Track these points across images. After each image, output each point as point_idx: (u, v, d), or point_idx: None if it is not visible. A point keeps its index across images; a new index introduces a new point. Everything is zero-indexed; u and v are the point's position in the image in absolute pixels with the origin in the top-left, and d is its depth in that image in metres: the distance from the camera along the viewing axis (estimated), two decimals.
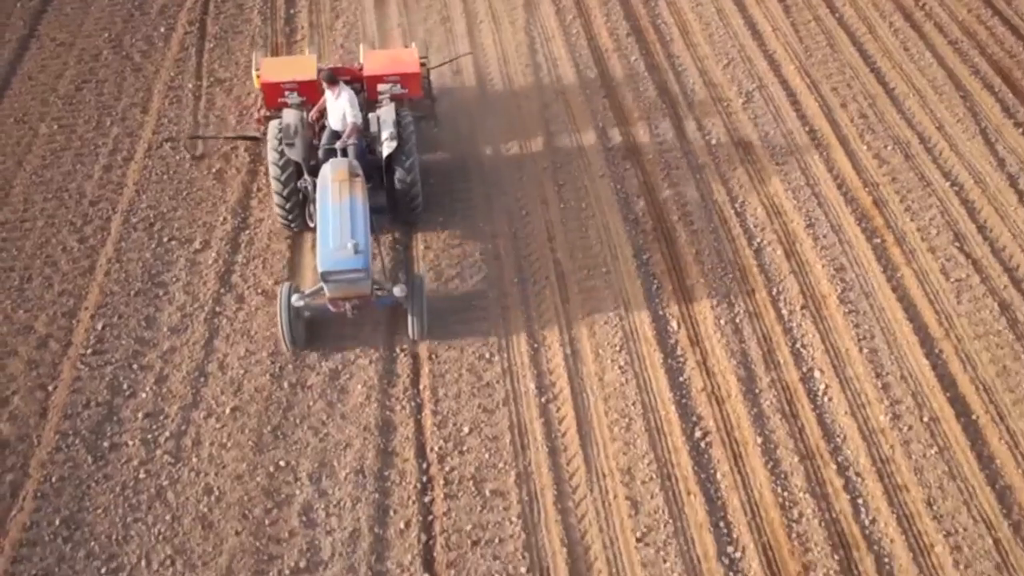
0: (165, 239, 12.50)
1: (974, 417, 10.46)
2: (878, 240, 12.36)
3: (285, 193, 11.93)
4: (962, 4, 16.01)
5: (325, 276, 10.74)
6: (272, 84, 12.62)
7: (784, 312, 11.59)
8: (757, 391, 10.78)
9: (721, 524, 9.68)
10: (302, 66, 12.90)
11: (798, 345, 11.23)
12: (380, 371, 11.02)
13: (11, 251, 12.37)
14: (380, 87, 12.52)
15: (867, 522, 9.67)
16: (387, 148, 11.76)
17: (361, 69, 12.89)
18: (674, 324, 11.47)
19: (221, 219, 12.74)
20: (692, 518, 9.71)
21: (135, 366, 11.05)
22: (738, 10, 16.07)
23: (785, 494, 9.88)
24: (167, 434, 10.39)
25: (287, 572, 9.29)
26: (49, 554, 9.42)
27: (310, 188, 11.63)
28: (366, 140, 12.12)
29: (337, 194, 11.09)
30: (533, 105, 14.55)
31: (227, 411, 10.60)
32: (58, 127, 14.14)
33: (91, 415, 10.58)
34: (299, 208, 12.07)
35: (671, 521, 9.68)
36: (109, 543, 9.51)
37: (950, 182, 13.08)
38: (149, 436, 10.38)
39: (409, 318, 11.19)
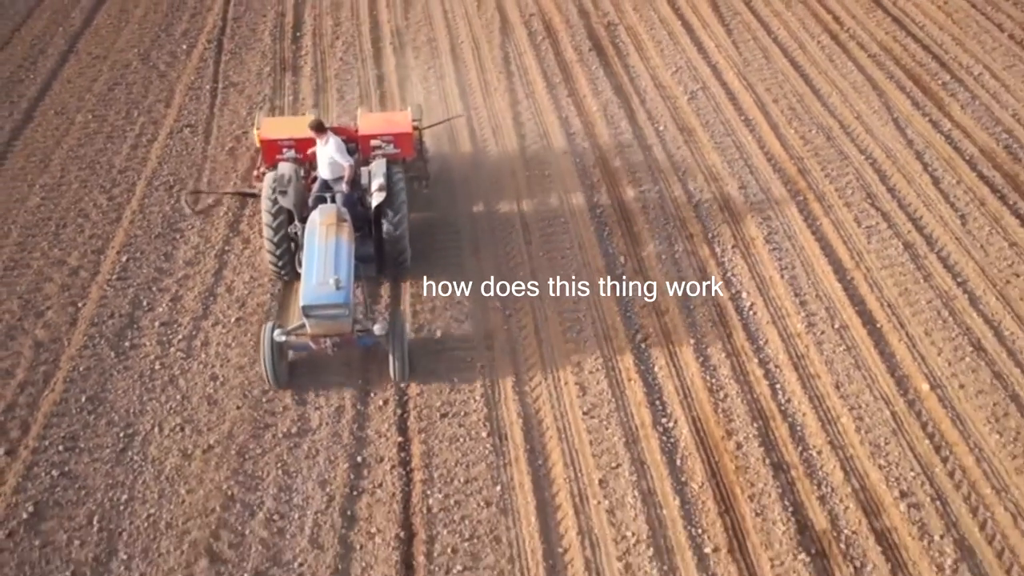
0: (185, 200, 14.40)
1: (878, 325, 12.13)
2: (801, 198, 14.26)
3: (276, 239, 12.22)
4: (880, 27, 18.39)
5: (307, 310, 10.91)
6: (271, 141, 13.10)
7: (717, 250, 13.37)
8: (691, 307, 12.46)
9: (657, 403, 11.22)
10: (300, 125, 13.14)
11: (728, 274, 12.98)
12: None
13: (49, 206, 14.24)
14: (373, 143, 13.07)
15: (783, 401, 11.23)
16: (376, 199, 12.13)
17: (357, 130, 13.33)
18: (621, 259, 13.24)
19: (232, 184, 14.66)
20: (632, 398, 11.26)
21: (154, 288, 12.76)
22: (685, 31, 18.41)
23: (713, 381, 11.46)
24: (180, 337, 12.03)
25: (280, 436, 10.81)
26: (75, 423, 10.95)
27: (300, 234, 12.01)
28: (357, 193, 12.51)
29: (324, 236, 11.41)
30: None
31: (232, 320, 12.25)
32: (92, 117, 16.23)
33: (114, 323, 12.24)
34: (289, 255, 12.40)
35: (613, 400, 11.24)
36: (127, 415, 11.04)
37: (865, 156, 15.08)
38: (164, 339, 12.01)
39: (390, 359, 11.31)
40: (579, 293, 12.62)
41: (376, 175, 12.31)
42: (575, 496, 10.17)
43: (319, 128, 12.22)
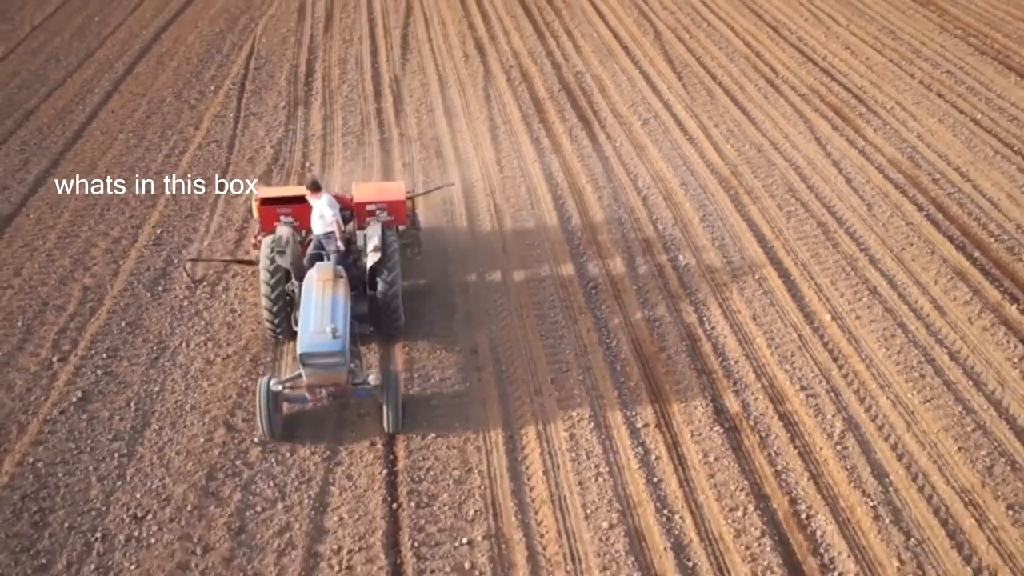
0: (211, 191, 16.87)
1: (792, 277, 14.45)
2: (732, 192, 16.81)
3: (273, 297, 12.54)
4: (810, 75, 21.42)
5: (304, 358, 11.11)
6: (269, 207, 13.54)
7: (660, 228, 15.80)
8: (636, 265, 14.80)
9: (602, 329, 13.41)
10: (297, 191, 13.77)
11: (666, 244, 15.35)
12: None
13: (96, 200, 16.75)
14: (368, 207, 13.54)
15: (708, 328, 13.43)
16: (371, 259, 12.54)
17: (352, 199, 13.80)
18: (579, 234, 15.65)
19: (254, 179, 17.23)
20: (583, 326, 13.46)
21: (183, 251, 15.13)
22: (642, 77, 21.43)
23: (650, 314, 13.69)
24: (205, 283, 14.31)
25: (287, 350, 12.94)
26: (116, 340, 13.16)
27: (296, 291, 12.39)
28: (353, 256, 13.01)
29: (321, 290, 11.75)
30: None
31: (250, 272, 14.53)
32: (132, 136, 18.99)
33: (150, 274, 14.57)
34: (285, 314, 12.70)
35: (566, 326, 13.44)
36: (159, 335, 13.26)
37: (789, 163, 17.71)
38: (191, 286, 14.29)
39: (384, 410, 11.52)
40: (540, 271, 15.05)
41: (371, 237, 12.80)
42: (532, 392, 12.26)
43: (315, 187, 12.88)
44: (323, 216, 12.85)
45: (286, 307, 12.71)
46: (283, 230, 12.89)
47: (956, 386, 12.23)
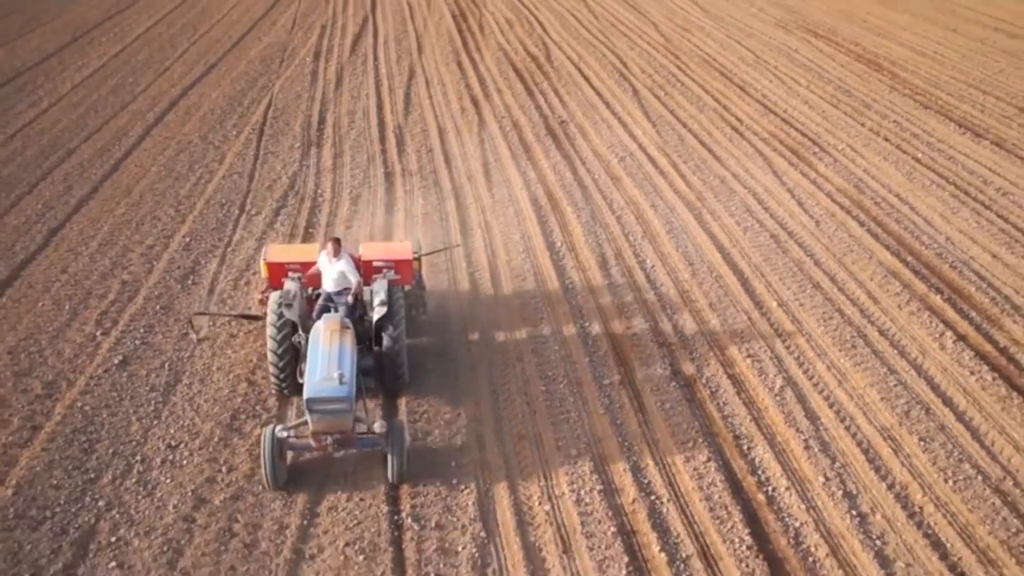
0: (234, 213, 18.99)
1: (745, 276, 16.40)
2: (696, 212, 18.91)
3: (279, 351, 12.61)
4: (771, 123, 23.84)
5: (310, 404, 11.18)
6: (277, 264, 13.77)
7: (631, 239, 17.83)
8: (608, 267, 16.76)
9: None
10: (305, 251, 14.34)
11: (636, 252, 17.35)
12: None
13: (131, 214, 18.88)
14: (376, 264, 13.82)
15: (669, 312, 15.32)
16: (378, 312, 12.68)
17: (360, 257, 13.91)
18: (559, 244, 17.67)
19: (272, 203, 19.35)
20: (550, 287, 15.33)
21: (209, 255, 17.14)
22: (619, 124, 23.85)
23: (619, 301, 15.61)
24: (227, 279, 16.27)
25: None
26: (152, 319, 15.07)
27: (303, 343, 12.45)
28: (359, 311, 13.06)
29: (328, 340, 11.85)
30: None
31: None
32: (163, 169, 21.24)
33: (180, 272, 16.55)
34: (291, 367, 12.77)
35: (535, 279, 15.32)
36: (189, 318, 15.07)
37: (748, 190, 19.87)
38: (216, 280, 16.22)
39: (389, 459, 11.48)
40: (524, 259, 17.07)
41: (378, 293, 12.97)
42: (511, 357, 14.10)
43: (337, 243, 13.08)
44: (340, 278, 13.03)
45: (292, 360, 12.79)
46: (291, 285, 13.09)
47: (884, 354, 14.07)
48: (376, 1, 38.43)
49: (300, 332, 12.62)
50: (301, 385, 12.18)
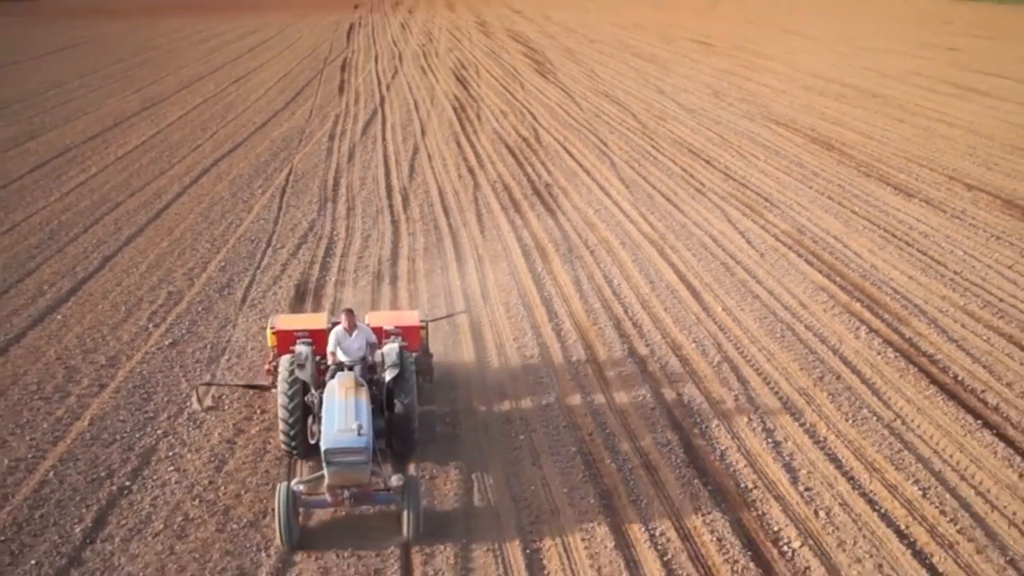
0: (262, 246, 22.06)
1: (697, 290, 19.31)
2: (659, 247, 21.98)
3: (290, 407, 12.68)
4: (730, 185, 27.22)
5: (328, 455, 11.10)
6: (285, 332, 13.91)
7: (602, 267, 20.81)
8: (582, 287, 19.68)
9: (546, 296, 18.09)
10: (313, 320, 14.77)
11: (607, 277, 20.30)
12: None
13: (173, 248, 22.00)
14: (385, 328, 14.02)
15: (631, 315, 18.16)
16: (389, 373, 12.73)
17: (367, 325, 13.95)
18: (539, 268, 20.64)
19: (294, 240, 22.44)
20: (532, 300, 18.17)
21: (242, 274, 20.15)
22: (597, 187, 27.26)
23: (588, 308, 18.41)
24: (259, 290, 19.24)
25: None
26: (195, 317, 17.98)
27: (315, 401, 12.48)
28: (369, 376, 12.97)
29: (343, 395, 11.88)
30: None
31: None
32: (199, 216, 24.49)
33: (217, 284, 19.56)
34: (301, 425, 12.78)
35: (518, 293, 18.15)
36: (226, 316, 17.96)
37: (704, 232, 23.00)
38: (247, 294, 19.13)
39: (404, 514, 11.26)
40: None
41: (388, 355, 12.96)
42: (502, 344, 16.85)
43: (351, 314, 13.17)
44: (363, 347, 13.06)
45: (303, 420, 12.79)
46: (303, 347, 13.12)
47: (807, 341, 16.87)
48: (384, 96, 42.73)
49: (313, 391, 12.68)
50: (311, 446, 12.37)
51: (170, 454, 13.26)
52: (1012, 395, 14.99)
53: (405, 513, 11.28)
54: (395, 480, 11.29)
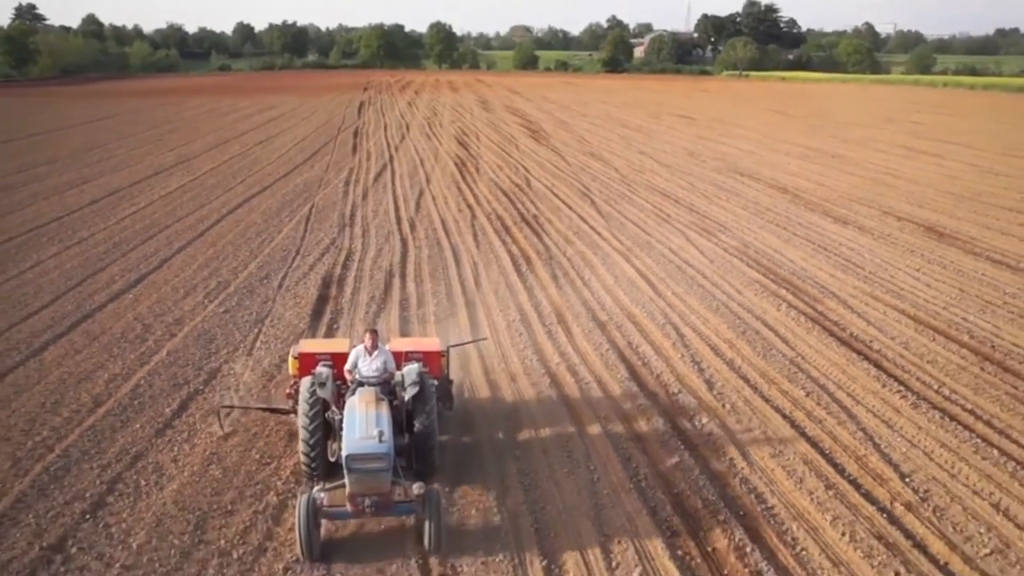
0: (292, 254, 26.16)
1: (654, 284, 23.29)
2: (624, 255, 26.05)
3: (311, 427, 12.68)
4: (691, 217, 31.46)
5: (349, 461, 11.09)
6: (308, 355, 14.01)
7: (579, 272, 24.84)
8: (561, 286, 23.67)
9: (529, 287, 22.04)
10: (336, 344, 14.99)
11: (583, 279, 24.33)
12: None
13: (215, 255, 26.14)
14: (405, 351, 13.94)
15: (599, 299, 22.07)
16: (410, 391, 12.75)
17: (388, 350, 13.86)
18: (525, 271, 24.69)
19: (318, 251, 26.55)
20: (521, 296, 22.13)
21: (276, 271, 24.18)
22: (578, 217, 31.52)
23: (563, 296, 22.36)
24: (285, 286, 23.19)
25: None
26: (242, 296, 21.94)
27: (335, 419, 12.60)
28: (391, 397, 12.91)
29: (364, 408, 11.97)
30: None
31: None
32: (235, 236, 28.68)
33: (257, 276, 23.61)
34: (321, 446, 12.77)
35: (507, 290, 22.11)
36: (266, 296, 21.89)
37: (665, 247, 27.16)
38: (284, 280, 23.14)
39: (426, 524, 11.24)
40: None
41: (409, 374, 12.97)
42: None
43: (375, 335, 13.21)
44: (383, 368, 13.06)
45: (322, 439, 12.80)
46: (323, 369, 13.09)
47: (736, 313, 20.87)
48: (393, 155, 47.56)
49: (333, 408, 12.81)
50: (331, 465, 12.51)
51: (230, 375, 17.10)
52: (894, 344, 18.92)
53: (426, 524, 11.30)
54: (416, 488, 11.24)
